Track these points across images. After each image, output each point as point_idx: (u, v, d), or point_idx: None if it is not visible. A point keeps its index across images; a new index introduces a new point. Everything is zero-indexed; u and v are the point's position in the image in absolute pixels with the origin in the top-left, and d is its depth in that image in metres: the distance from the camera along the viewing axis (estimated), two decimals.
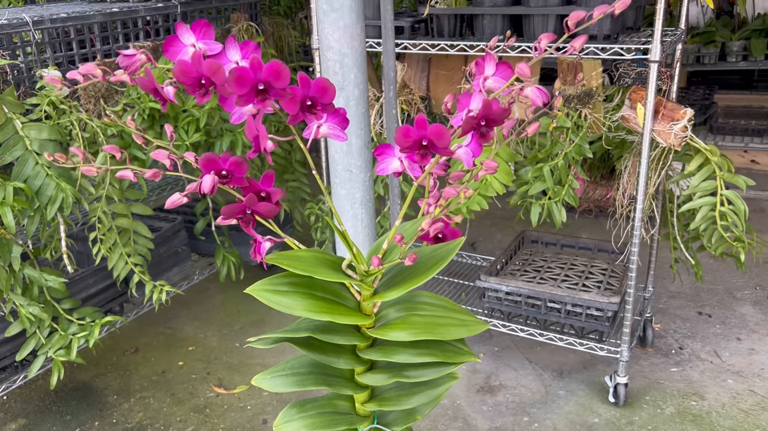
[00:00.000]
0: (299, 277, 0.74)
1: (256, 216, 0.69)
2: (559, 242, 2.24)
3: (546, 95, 0.58)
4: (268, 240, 0.72)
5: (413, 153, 0.63)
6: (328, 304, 0.73)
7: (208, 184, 0.66)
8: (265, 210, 0.68)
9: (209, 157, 0.68)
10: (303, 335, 0.75)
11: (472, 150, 0.67)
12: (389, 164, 0.70)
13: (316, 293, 0.74)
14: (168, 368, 2.14)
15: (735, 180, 1.55)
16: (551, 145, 1.63)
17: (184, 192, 0.68)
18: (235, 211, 0.67)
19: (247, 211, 0.68)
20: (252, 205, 0.67)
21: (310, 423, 0.87)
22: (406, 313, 0.78)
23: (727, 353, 2.07)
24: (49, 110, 1.57)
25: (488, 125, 0.60)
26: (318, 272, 0.71)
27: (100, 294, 1.94)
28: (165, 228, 2.16)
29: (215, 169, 0.69)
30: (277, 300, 0.71)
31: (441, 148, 0.62)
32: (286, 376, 0.84)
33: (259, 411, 1.91)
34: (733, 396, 1.86)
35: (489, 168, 0.66)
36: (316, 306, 0.72)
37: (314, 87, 0.62)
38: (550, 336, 1.90)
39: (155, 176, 0.65)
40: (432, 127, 0.61)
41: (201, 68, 0.62)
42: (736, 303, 2.36)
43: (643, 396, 1.88)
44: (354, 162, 1.18)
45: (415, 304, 0.79)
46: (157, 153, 0.68)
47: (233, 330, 2.35)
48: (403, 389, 0.87)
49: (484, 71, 0.63)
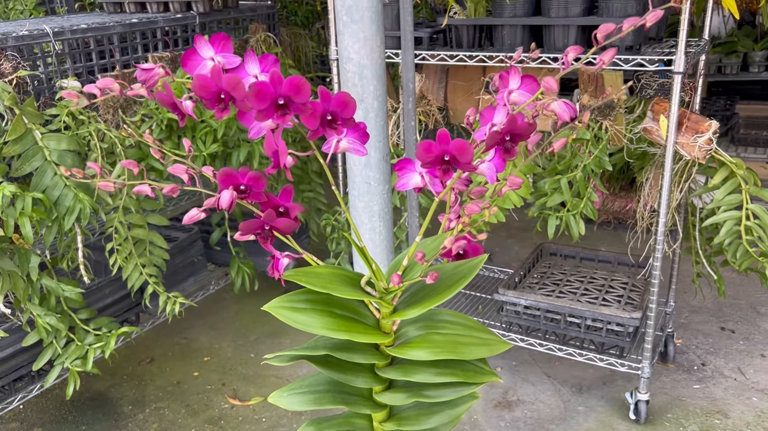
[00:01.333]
0: (317, 294, 0.72)
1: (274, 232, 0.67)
2: (578, 255, 2.20)
3: (573, 110, 0.57)
4: (287, 257, 0.70)
5: (435, 168, 0.62)
6: (346, 322, 0.72)
7: (226, 200, 0.65)
8: (284, 226, 0.67)
9: (227, 172, 0.67)
10: (321, 353, 0.73)
11: (496, 165, 0.65)
12: (410, 179, 0.68)
13: (334, 310, 0.72)
14: (183, 379, 2.13)
15: (761, 194, 1.51)
16: (570, 157, 1.61)
17: (202, 207, 0.67)
18: (253, 227, 0.66)
19: (266, 227, 0.67)
20: (270, 221, 0.66)
21: None
22: (426, 332, 0.76)
23: (751, 370, 2.02)
24: (68, 121, 1.57)
25: (513, 140, 0.58)
26: (337, 289, 0.69)
27: (116, 304, 1.93)
28: (181, 239, 2.16)
29: (233, 184, 0.67)
30: (294, 317, 0.70)
31: (464, 163, 0.60)
32: (302, 394, 0.82)
33: (274, 424, 1.89)
34: (758, 415, 1.81)
35: (513, 184, 0.64)
36: (335, 324, 0.71)
37: (335, 102, 0.61)
38: (570, 351, 1.86)
39: (173, 192, 0.64)
40: (455, 142, 0.59)
41: (221, 83, 0.61)
42: (760, 318, 2.31)
43: (665, 413, 1.84)
44: (372, 174, 1.17)
45: (436, 322, 0.77)
46: (174, 168, 0.67)
47: (248, 340, 2.34)
48: (423, 408, 0.85)
49: (508, 84, 0.61)
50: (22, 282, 1.52)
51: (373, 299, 0.71)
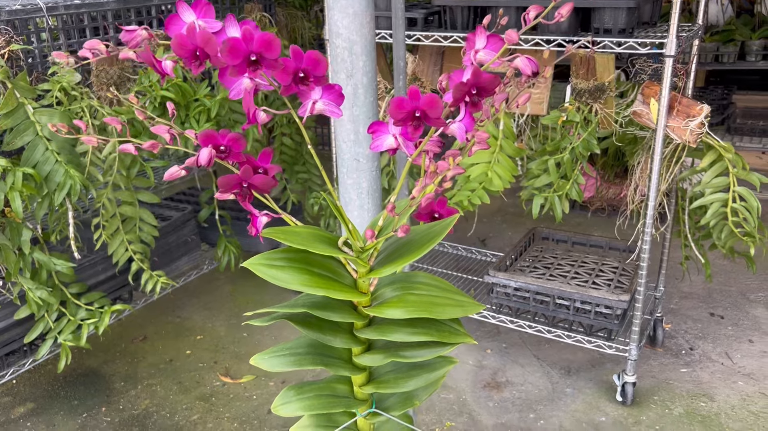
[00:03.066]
0: (296, 253, 0.73)
1: (253, 190, 0.68)
2: (570, 239, 2.22)
3: (535, 64, 0.58)
4: (266, 215, 0.71)
5: (406, 125, 0.63)
6: (324, 280, 0.73)
7: (205, 157, 0.66)
8: (261, 183, 0.68)
9: (208, 133, 0.68)
10: (299, 311, 0.75)
11: (465, 125, 0.66)
12: (383, 141, 0.69)
13: (312, 269, 0.73)
14: (175, 356, 2.15)
15: (749, 177, 1.52)
16: (559, 139, 1.61)
17: (183, 165, 0.68)
18: (231, 183, 0.67)
19: (243, 184, 0.68)
20: (247, 178, 0.67)
21: (307, 404, 0.86)
22: (402, 292, 0.77)
23: (738, 355, 2.03)
24: (61, 96, 1.58)
25: (479, 94, 0.59)
26: (314, 247, 0.71)
27: (109, 281, 1.95)
28: (175, 218, 2.17)
29: (213, 144, 0.68)
30: (273, 274, 0.71)
31: (434, 118, 0.61)
32: (284, 356, 0.83)
33: (265, 401, 1.91)
34: (743, 398, 1.83)
35: (481, 140, 0.65)
36: (312, 281, 0.72)
37: (306, 59, 0.62)
38: (559, 333, 1.88)
39: (153, 147, 0.65)
40: (425, 97, 0.60)
41: (195, 40, 0.62)
42: (749, 305, 2.32)
43: (651, 395, 1.86)
44: (361, 151, 1.18)
45: (412, 284, 0.78)
46: (157, 128, 0.68)
47: (241, 320, 2.36)
48: (400, 372, 0.86)
49: (474, 45, 0.62)
50: (13, 255, 1.53)
51: (349, 258, 0.72)
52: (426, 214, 0.75)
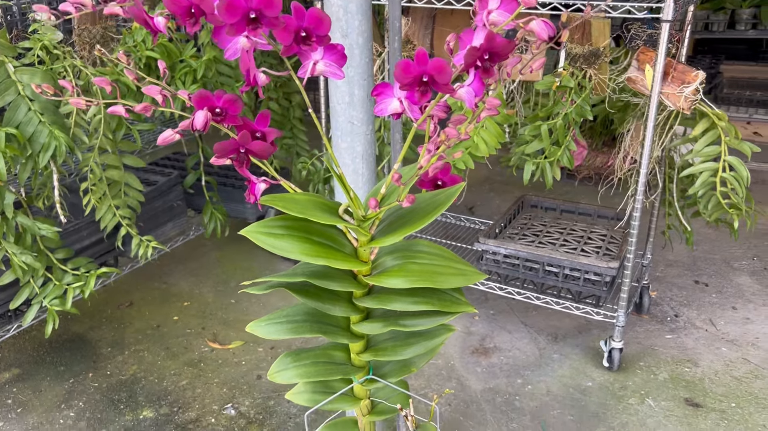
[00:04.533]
0: (295, 221, 0.72)
1: (251, 156, 0.66)
2: (558, 207, 2.22)
3: (552, 28, 0.56)
4: (263, 182, 0.69)
5: (413, 90, 0.61)
6: (324, 249, 0.72)
7: (200, 120, 0.63)
8: (259, 149, 0.65)
9: (203, 93, 0.66)
10: (299, 280, 0.73)
11: (475, 89, 0.64)
12: (388, 105, 0.67)
13: (312, 237, 0.72)
14: (163, 322, 2.14)
15: (740, 146, 1.52)
16: (552, 105, 1.60)
17: (177, 129, 0.65)
18: (228, 148, 0.65)
19: (241, 149, 0.66)
20: (245, 143, 0.65)
21: (304, 371, 0.86)
22: (403, 261, 0.76)
23: (722, 322, 2.07)
24: (42, 55, 1.53)
25: (491, 59, 0.57)
26: (314, 215, 0.69)
27: (94, 246, 1.92)
28: (160, 182, 2.13)
29: (209, 106, 0.66)
30: (272, 242, 0.69)
31: (442, 84, 0.59)
32: (280, 323, 0.82)
33: (254, 367, 1.91)
34: (726, 364, 1.86)
35: (492, 106, 0.63)
36: (313, 250, 0.70)
37: (309, 17, 0.59)
38: (547, 299, 1.89)
39: (146, 110, 0.63)
40: (433, 61, 0.58)
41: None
42: (733, 273, 2.35)
43: (637, 361, 1.89)
44: (356, 114, 1.15)
45: (413, 253, 0.77)
46: (149, 88, 0.66)
47: (229, 287, 2.35)
48: (399, 340, 0.86)
49: (487, 5, 0.60)
50: None
51: (350, 226, 0.71)
52: (429, 182, 0.74)
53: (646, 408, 1.70)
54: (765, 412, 1.67)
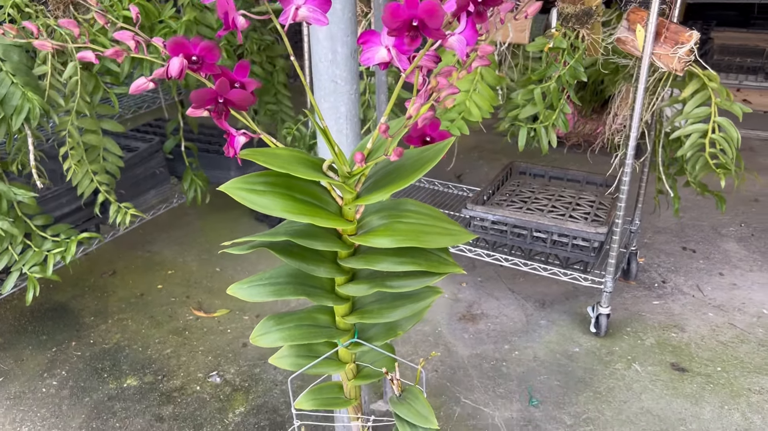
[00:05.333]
0: (277, 177, 0.68)
1: (230, 106, 0.63)
2: (547, 173, 2.20)
3: None
4: (243, 135, 0.66)
5: (402, 36, 0.57)
6: (307, 206, 0.69)
7: (176, 67, 0.59)
8: (239, 98, 0.62)
9: (178, 40, 0.62)
10: (281, 239, 0.70)
11: (467, 38, 0.61)
12: (375, 53, 0.64)
13: (295, 195, 0.69)
14: (146, 291, 2.11)
15: (731, 107, 1.50)
16: (545, 67, 1.56)
17: (150, 77, 0.62)
18: (205, 98, 0.61)
19: (219, 99, 0.62)
20: (224, 92, 0.61)
21: (287, 335, 0.84)
22: (390, 220, 0.74)
23: (709, 287, 2.07)
24: (14, 13, 1.47)
25: (485, 2, 0.54)
26: (297, 170, 0.66)
27: (74, 213, 1.87)
28: (141, 149, 2.08)
29: (185, 53, 0.62)
30: (253, 199, 0.66)
31: (433, 29, 0.56)
32: (263, 285, 0.80)
33: (239, 335, 1.89)
34: (712, 329, 1.87)
35: (484, 53, 0.60)
36: (296, 207, 0.67)
37: None
38: (535, 266, 1.88)
39: (117, 55, 0.59)
40: (424, 3, 0.55)
41: None
42: (720, 239, 2.35)
43: (624, 327, 1.89)
44: (339, 72, 1.11)
45: (400, 212, 0.74)
46: (121, 33, 0.62)
47: (213, 255, 2.32)
48: (385, 302, 0.84)
49: None
50: None
51: (335, 183, 0.68)
52: (417, 138, 0.71)
53: (632, 373, 1.70)
54: (750, 376, 1.68)
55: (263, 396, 1.66)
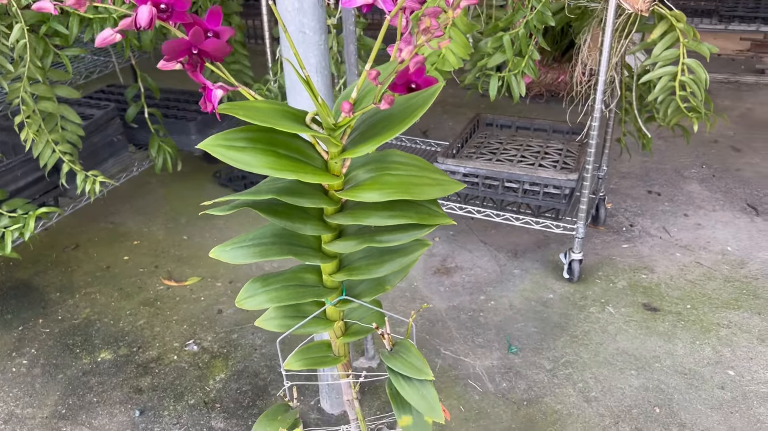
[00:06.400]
0: (258, 132, 0.65)
1: (204, 57, 0.59)
2: (513, 124, 2.19)
3: None
4: (220, 88, 0.62)
5: None
6: (292, 162, 0.66)
7: (144, 16, 0.55)
8: (214, 48, 0.58)
9: None
10: (265, 197, 0.68)
11: None
12: None
13: (278, 150, 0.66)
14: (113, 263, 2.05)
15: (699, 48, 1.50)
16: (512, 13, 1.53)
17: (117, 28, 0.57)
18: (178, 49, 0.57)
19: (193, 50, 0.58)
20: (198, 42, 0.57)
21: (275, 296, 0.81)
22: (377, 173, 0.71)
23: (675, 229, 2.11)
24: None
25: None
26: (279, 124, 0.63)
27: (30, 187, 1.79)
28: (97, 116, 1.99)
29: (153, 1, 0.58)
30: (233, 156, 0.63)
31: None
32: (247, 247, 0.77)
33: (214, 302, 1.86)
34: (680, 269, 1.92)
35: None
36: (279, 163, 0.64)
37: None
38: (507, 216, 1.88)
39: (79, 5, 0.54)
40: None
41: None
42: (683, 181, 2.40)
43: (596, 272, 1.92)
44: (307, 22, 1.07)
45: (388, 164, 0.72)
46: None
47: (179, 223, 2.26)
48: (373, 257, 0.82)
49: None
50: None
51: (320, 136, 0.65)
52: (402, 85, 0.68)
53: (606, 316, 1.74)
54: (718, 311, 1.73)
55: (243, 362, 1.64)
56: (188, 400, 1.53)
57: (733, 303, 1.76)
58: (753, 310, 1.73)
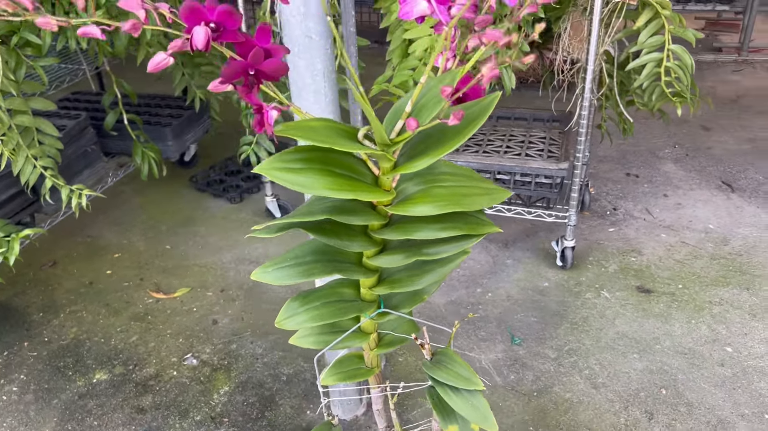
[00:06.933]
0: (312, 152, 0.63)
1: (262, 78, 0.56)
2: (494, 114, 2.19)
3: None
4: (274, 109, 0.59)
5: None
6: (348, 181, 0.63)
7: (201, 38, 0.52)
8: (273, 69, 0.55)
9: (192, 6, 0.54)
10: (318, 218, 0.65)
11: None
12: (414, 6, 0.58)
13: (333, 169, 0.63)
14: (95, 278, 1.98)
15: (684, 34, 1.52)
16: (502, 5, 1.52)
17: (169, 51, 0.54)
18: (236, 71, 0.54)
19: (250, 71, 0.55)
20: (257, 63, 0.54)
21: (316, 315, 0.79)
22: (427, 186, 0.70)
23: (657, 209, 2.16)
24: None
25: None
26: (337, 143, 0.60)
27: (6, 204, 1.71)
28: (69, 127, 1.91)
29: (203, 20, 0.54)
30: (291, 178, 0.60)
31: None
32: (290, 267, 0.74)
33: (207, 312, 1.81)
34: (667, 249, 1.96)
35: None
36: (336, 183, 0.62)
37: None
38: (499, 207, 1.89)
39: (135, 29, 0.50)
40: None
41: None
42: (659, 162, 2.45)
43: (586, 257, 1.94)
44: (313, 26, 1.04)
45: (436, 176, 0.70)
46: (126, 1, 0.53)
47: (160, 232, 2.19)
48: (415, 269, 0.80)
49: None
50: None
51: (376, 153, 0.63)
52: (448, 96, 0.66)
53: (602, 301, 1.76)
54: (709, 289, 1.78)
55: (246, 372, 1.60)
56: (194, 416, 1.49)
57: (721, 280, 1.81)
58: (741, 286, 1.78)
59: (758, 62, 3.37)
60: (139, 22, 0.51)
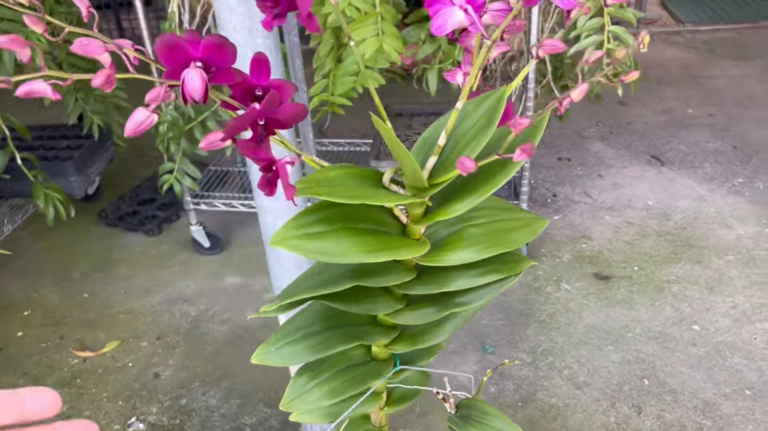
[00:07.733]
0: (330, 208, 0.50)
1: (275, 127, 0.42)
2: (424, 111, 2.11)
3: None
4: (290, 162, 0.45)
5: None
6: (377, 238, 0.51)
7: (197, 86, 0.38)
8: (291, 113, 0.42)
9: (171, 41, 0.40)
10: (345, 287, 0.52)
11: None
12: (448, 18, 0.46)
13: (358, 226, 0.51)
14: (5, 344, 1.72)
15: (624, 14, 1.49)
16: None
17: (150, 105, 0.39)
18: (245, 122, 0.40)
19: (260, 121, 0.41)
20: (272, 109, 0.41)
21: (328, 390, 0.66)
22: (459, 226, 0.58)
23: (595, 191, 2.15)
24: None
25: None
26: (366, 196, 0.48)
27: None
28: None
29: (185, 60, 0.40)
30: (314, 247, 0.47)
31: None
32: (297, 341, 0.61)
33: (145, 365, 1.61)
34: (615, 231, 1.95)
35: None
36: (367, 244, 0.50)
37: None
38: None
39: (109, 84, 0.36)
40: None
41: None
42: (586, 142, 2.45)
43: (538, 249, 1.90)
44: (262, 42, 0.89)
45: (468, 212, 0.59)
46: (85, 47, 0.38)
47: (73, 280, 1.95)
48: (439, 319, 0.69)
49: None
50: None
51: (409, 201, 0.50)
52: None
53: (564, 293, 1.72)
54: (663, 268, 1.78)
55: (203, 430, 1.43)
56: None
57: (673, 257, 1.81)
58: (693, 260, 1.79)
59: (654, 34, 3.48)
60: (111, 73, 0.36)
